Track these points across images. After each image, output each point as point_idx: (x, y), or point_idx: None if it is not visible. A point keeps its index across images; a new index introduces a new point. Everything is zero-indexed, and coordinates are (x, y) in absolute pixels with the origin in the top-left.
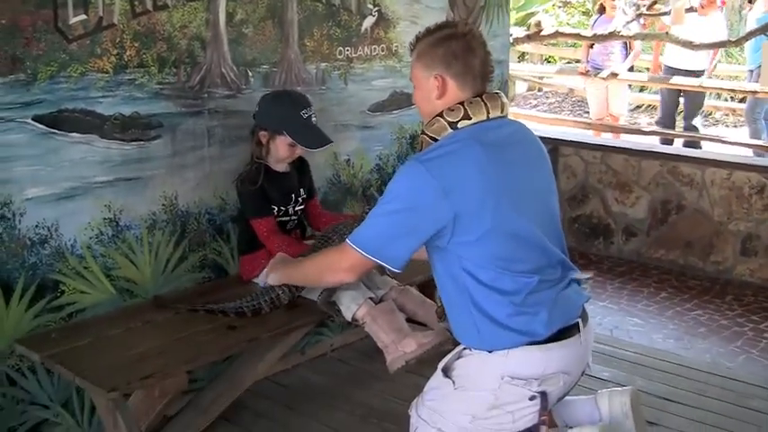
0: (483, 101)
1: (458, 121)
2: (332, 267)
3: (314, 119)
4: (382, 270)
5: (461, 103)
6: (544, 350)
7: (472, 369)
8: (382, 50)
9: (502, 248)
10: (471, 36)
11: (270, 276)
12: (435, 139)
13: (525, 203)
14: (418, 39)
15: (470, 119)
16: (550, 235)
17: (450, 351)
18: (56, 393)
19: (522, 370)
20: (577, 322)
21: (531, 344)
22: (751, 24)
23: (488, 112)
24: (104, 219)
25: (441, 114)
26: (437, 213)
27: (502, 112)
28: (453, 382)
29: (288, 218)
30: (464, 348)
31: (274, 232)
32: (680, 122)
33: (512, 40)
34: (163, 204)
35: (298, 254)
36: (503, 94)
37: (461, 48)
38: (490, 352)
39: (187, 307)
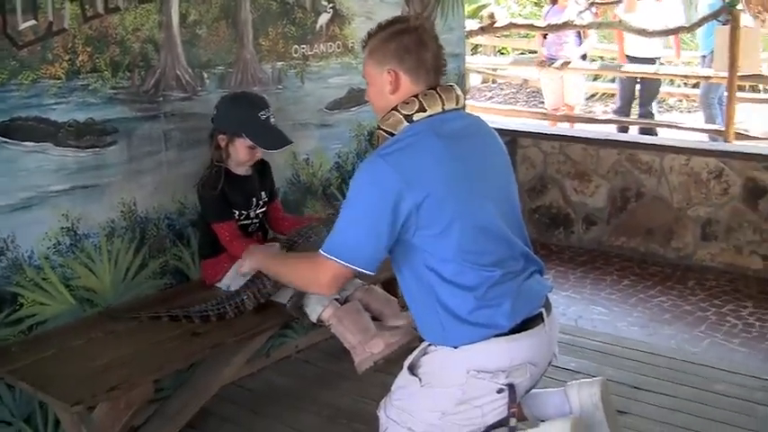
0: (438, 93)
1: (413, 114)
2: (315, 282)
3: (272, 120)
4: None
5: (416, 96)
6: (509, 342)
7: (438, 365)
8: (338, 47)
9: (465, 240)
10: (423, 30)
11: (246, 263)
12: (391, 134)
13: (486, 195)
14: (370, 35)
15: (426, 111)
16: (512, 226)
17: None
18: (18, 408)
19: (487, 363)
20: (541, 312)
21: (495, 336)
22: (703, 10)
23: (444, 105)
24: (62, 228)
25: (396, 108)
26: (401, 205)
27: (457, 104)
28: (420, 380)
29: (249, 221)
30: (429, 345)
31: (237, 236)
32: (635, 110)
33: (465, 33)
34: (121, 211)
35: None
36: (457, 86)
37: (413, 42)
38: (455, 347)
39: (149, 314)
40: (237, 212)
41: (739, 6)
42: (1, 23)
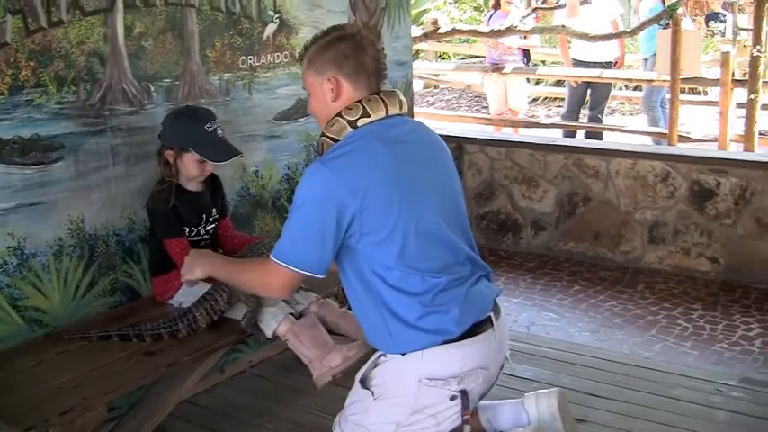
0: (381, 98)
1: (357, 120)
2: (266, 286)
3: (219, 132)
4: None
5: (359, 102)
6: (459, 347)
7: (389, 376)
8: (285, 57)
9: (409, 247)
10: (360, 36)
11: (194, 270)
12: (336, 140)
13: (430, 200)
14: (306, 47)
15: (370, 116)
16: (457, 232)
17: None
18: None
19: (438, 370)
20: (489, 316)
21: (444, 343)
22: (643, 14)
23: (387, 110)
24: (8, 248)
25: (339, 114)
26: (345, 211)
27: (400, 109)
28: (372, 393)
29: (200, 237)
30: (380, 356)
31: (188, 252)
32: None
33: None
34: (69, 229)
35: None
36: (399, 91)
37: (351, 48)
38: (404, 355)
39: (98, 333)
40: (188, 229)
41: (680, 10)
42: None
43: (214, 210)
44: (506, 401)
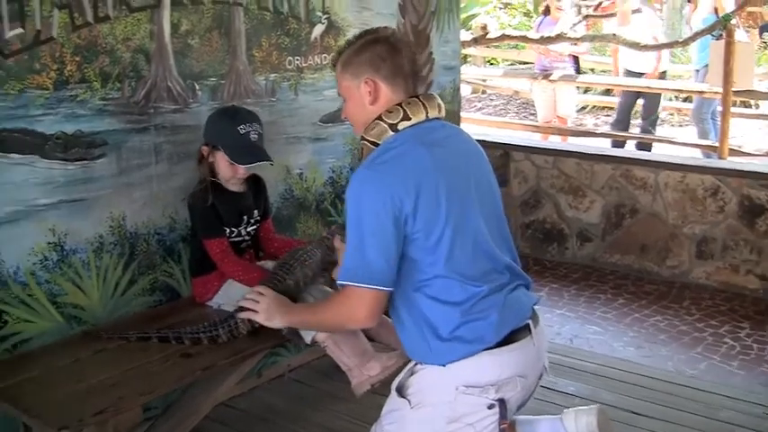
0: (421, 101)
1: (398, 123)
2: (352, 318)
3: (254, 135)
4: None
5: (399, 105)
6: (497, 355)
7: (426, 384)
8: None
9: (455, 253)
10: (395, 38)
11: (274, 320)
12: (376, 144)
13: (471, 206)
14: (340, 52)
15: (410, 120)
16: (498, 240)
17: None
18: (2, 428)
19: (476, 378)
20: (528, 324)
21: (482, 351)
22: (696, 24)
23: (427, 113)
24: (48, 243)
25: (379, 117)
26: (400, 215)
27: (439, 112)
28: (409, 402)
29: (240, 238)
30: (416, 364)
31: (228, 253)
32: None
33: None
34: (110, 226)
35: (256, 280)
36: (437, 95)
37: (386, 50)
38: (443, 366)
39: (137, 334)
40: (228, 229)
41: (733, 21)
42: None
43: (256, 211)
44: (544, 417)
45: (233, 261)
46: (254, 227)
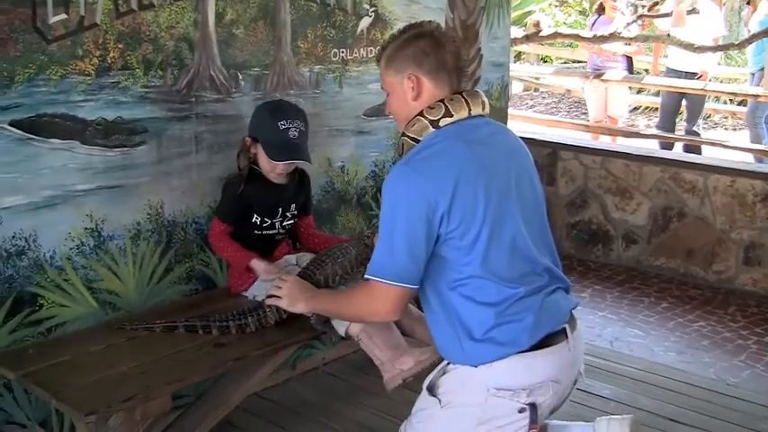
0: (464, 98)
1: (439, 119)
2: (374, 311)
3: (293, 132)
4: None
5: (442, 101)
6: (531, 358)
7: (457, 384)
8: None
9: (491, 253)
10: (439, 32)
11: (297, 305)
12: (417, 140)
13: (512, 206)
14: (383, 47)
15: (452, 116)
16: (537, 241)
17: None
18: (33, 412)
19: (508, 381)
20: (565, 328)
21: (515, 354)
22: (753, 26)
23: (470, 110)
24: (86, 229)
25: (421, 114)
26: (435, 213)
27: (483, 110)
28: (439, 401)
29: (275, 231)
30: (448, 363)
31: (224, 235)
32: (680, 125)
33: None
34: (148, 213)
35: (244, 263)
36: (481, 92)
37: (430, 44)
38: (475, 366)
39: (164, 323)
40: (260, 219)
41: None
42: (31, 17)
43: (293, 205)
44: (576, 423)
45: (226, 241)
46: (291, 221)
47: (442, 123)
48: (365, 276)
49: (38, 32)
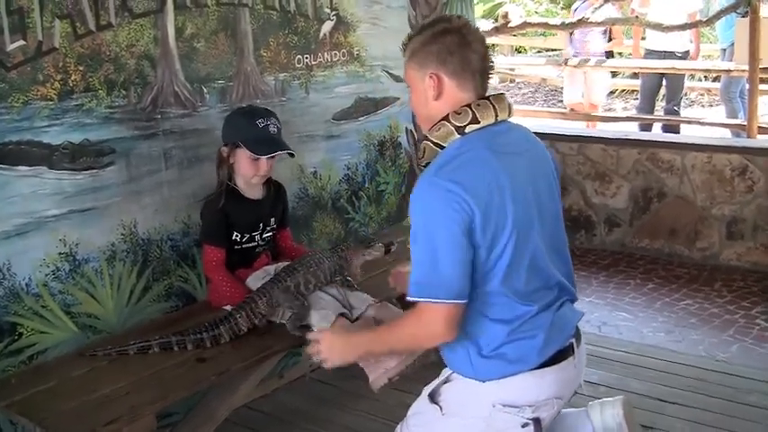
0: (492, 103)
1: (465, 126)
2: (430, 336)
3: (273, 129)
4: (352, 286)
5: (469, 106)
6: (538, 377)
7: (462, 396)
8: (343, 56)
9: (512, 269)
10: (467, 29)
11: (335, 359)
12: (440, 146)
13: (534, 218)
14: (410, 37)
15: (479, 123)
16: (553, 256)
17: (432, 363)
18: None
19: (514, 397)
20: (572, 343)
21: (524, 371)
22: (721, 2)
23: (497, 116)
24: (60, 254)
25: (446, 118)
26: (469, 221)
27: (509, 114)
28: (441, 408)
29: (254, 243)
30: (452, 372)
31: (221, 266)
32: (659, 106)
33: None
34: (122, 234)
35: (237, 300)
36: (506, 95)
37: (456, 42)
38: (482, 381)
39: (137, 344)
40: (240, 235)
41: None
42: None
43: (273, 219)
44: (569, 411)
45: (224, 275)
46: (270, 233)
47: (467, 130)
48: (409, 299)
49: None
